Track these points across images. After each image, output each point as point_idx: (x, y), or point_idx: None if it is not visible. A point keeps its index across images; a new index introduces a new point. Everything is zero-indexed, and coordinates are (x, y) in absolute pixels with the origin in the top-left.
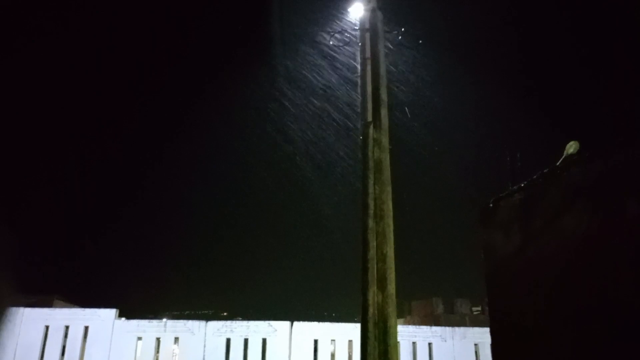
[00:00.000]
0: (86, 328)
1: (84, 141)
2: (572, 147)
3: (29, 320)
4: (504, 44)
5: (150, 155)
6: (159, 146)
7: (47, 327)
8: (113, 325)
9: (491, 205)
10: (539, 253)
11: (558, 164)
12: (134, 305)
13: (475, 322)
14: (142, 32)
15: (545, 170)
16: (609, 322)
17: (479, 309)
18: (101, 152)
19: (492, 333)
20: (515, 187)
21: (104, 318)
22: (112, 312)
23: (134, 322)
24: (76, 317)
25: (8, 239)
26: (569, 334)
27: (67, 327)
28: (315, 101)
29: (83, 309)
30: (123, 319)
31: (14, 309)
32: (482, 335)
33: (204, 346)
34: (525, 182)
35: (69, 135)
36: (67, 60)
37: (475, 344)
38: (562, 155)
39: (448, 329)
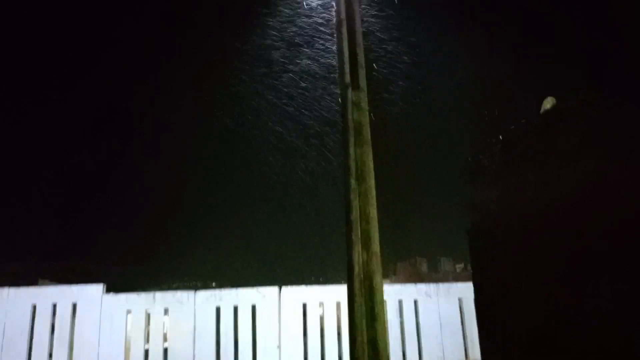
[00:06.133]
0: (74, 305)
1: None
2: (549, 103)
3: (15, 300)
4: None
5: (128, 126)
6: (133, 118)
7: (34, 307)
8: (101, 300)
9: (471, 159)
10: (520, 207)
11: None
12: (121, 283)
13: (458, 279)
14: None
15: (523, 121)
16: (593, 270)
17: (462, 265)
18: (78, 127)
19: (475, 287)
20: (494, 140)
21: (91, 294)
22: (99, 288)
23: (123, 296)
24: (63, 294)
25: None
26: (550, 285)
27: (54, 305)
28: (293, 62)
29: (69, 286)
30: (111, 293)
31: None
32: (466, 291)
33: (194, 316)
34: (504, 135)
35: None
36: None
37: (459, 299)
38: (539, 110)
39: (432, 286)
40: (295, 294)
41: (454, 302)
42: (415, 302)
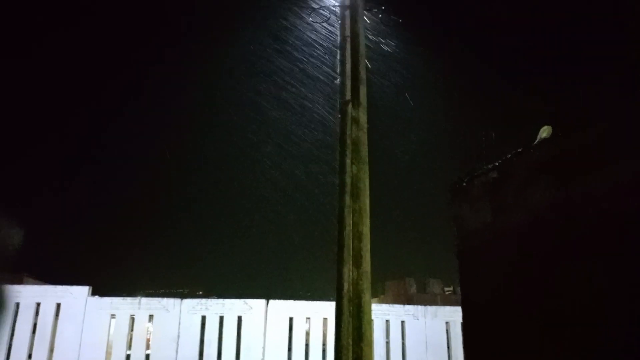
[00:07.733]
0: (58, 305)
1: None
2: (545, 132)
3: None
4: (488, 23)
5: (111, 128)
6: (120, 115)
7: (17, 304)
8: (86, 302)
9: (465, 183)
10: (510, 231)
11: (534, 144)
12: (107, 285)
13: (446, 302)
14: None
15: (519, 149)
16: (575, 291)
17: (451, 289)
18: (61, 120)
19: (464, 310)
20: (490, 166)
21: (76, 295)
22: (85, 289)
23: (107, 300)
24: (48, 294)
25: None
26: (538, 308)
27: (38, 304)
28: (294, 78)
29: (55, 286)
30: (96, 296)
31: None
32: (453, 314)
33: (179, 323)
34: (499, 161)
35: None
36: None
37: (447, 322)
38: (536, 139)
39: (420, 308)
40: (283, 308)
41: (441, 325)
42: (403, 323)
